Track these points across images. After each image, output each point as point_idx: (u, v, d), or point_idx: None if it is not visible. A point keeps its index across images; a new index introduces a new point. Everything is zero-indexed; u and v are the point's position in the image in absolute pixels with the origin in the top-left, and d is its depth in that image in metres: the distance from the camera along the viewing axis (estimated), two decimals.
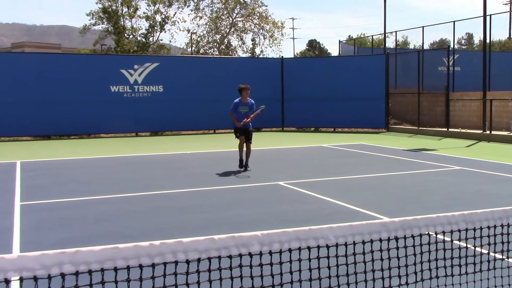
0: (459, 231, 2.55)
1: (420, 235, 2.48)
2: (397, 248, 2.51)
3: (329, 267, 2.37)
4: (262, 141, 17.49)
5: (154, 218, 6.64)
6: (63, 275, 1.77)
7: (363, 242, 2.33)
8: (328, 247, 2.27)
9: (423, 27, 26.13)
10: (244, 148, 10.53)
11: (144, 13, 33.09)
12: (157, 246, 1.91)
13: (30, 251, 1.80)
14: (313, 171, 10.64)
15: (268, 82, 21.80)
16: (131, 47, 31.83)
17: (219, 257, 2.03)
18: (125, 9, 32.42)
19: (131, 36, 33.08)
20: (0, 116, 17.63)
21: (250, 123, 10.58)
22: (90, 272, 1.81)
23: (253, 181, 9.33)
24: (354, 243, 2.31)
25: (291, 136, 19.66)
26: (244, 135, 10.46)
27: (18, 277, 1.72)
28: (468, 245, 2.84)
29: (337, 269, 2.40)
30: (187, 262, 1.98)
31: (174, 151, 14.56)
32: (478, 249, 2.86)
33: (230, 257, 2.05)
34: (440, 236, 2.75)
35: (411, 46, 40.58)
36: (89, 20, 32.78)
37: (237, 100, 10.62)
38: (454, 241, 2.76)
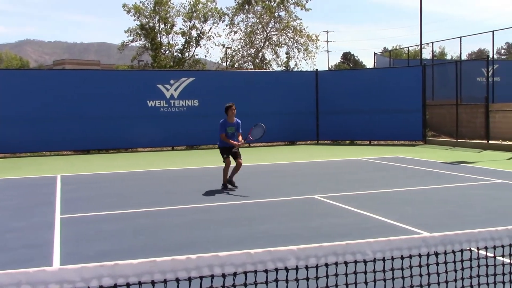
0: (503, 246, 2.47)
1: (462, 251, 2.41)
2: (437, 264, 2.45)
3: (366, 283, 2.33)
4: (297, 154, 17.44)
5: (190, 231, 6.69)
6: None
7: (402, 258, 2.29)
8: (365, 262, 2.24)
9: (460, 37, 25.70)
10: (233, 164, 10.04)
11: (180, 29, 33.76)
12: (194, 259, 1.92)
13: (70, 264, 1.84)
14: (349, 185, 10.52)
15: (302, 95, 21.77)
16: (168, 62, 32.44)
17: (255, 272, 2.02)
18: (162, 26, 33.12)
19: (167, 52, 33.72)
20: (42, 131, 18.14)
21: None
22: (128, 285, 1.83)
23: (288, 195, 9.28)
24: (393, 258, 2.27)
25: (326, 149, 19.52)
26: (232, 156, 10.03)
27: None
28: None
29: (374, 285, 2.35)
30: (223, 276, 1.98)
31: (210, 164, 14.66)
32: None
33: (266, 271, 2.04)
34: (482, 252, 2.67)
35: (449, 57, 39.91)
36: (127, 37, 33.69)
37: (222, 120, 10.09)
38: (497, 257, 2.67)
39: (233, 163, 10.06)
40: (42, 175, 12.74)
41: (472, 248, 2.43)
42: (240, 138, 10.05)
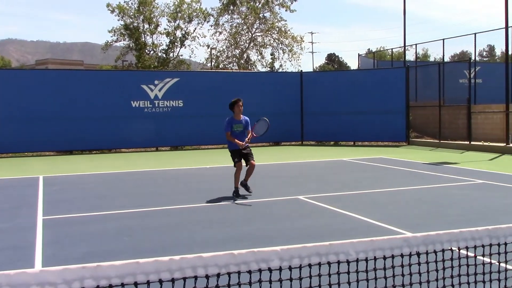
0: (483, 246, 2.51)
1: (443, 251, 2.44)
2: (419, 263, 2.47)
3: (349, 283, 2.35)
4: (281, 155, 17.47)
5: (175, 232, 6.66)
6: None
7: (384, 258, 2.31)
8: (348, 262, 2.25)
9: (443, 39, 25.97)
10: (243, 167, 9.15)
11: (164, 29, 33.59)
12: (177, 261, 1.92)
13: (52, 266, 1.82)
14: (334, 185, 10.57)
15: (287, 96, 21.83)
16: (152, 62, 32.26)
17: (239, 272, 2.03)
18: (146, 26, 32.93)
19: (151, 52, 33.53)
20: (24, 131, 17.94)
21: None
22: (110, 286, 1.82)
23: (273, 196, 9.30)
24: (375, 259, 2.29)
25: (311, 150, 19.59)
26: (243, 158, 9.11)
27: None
28: (493, 261, 2.78)
29: (357, 285, 2.37)
30: (207, 277, 1.98)
31: (195, 165, 14.63)
32: (502, 265, 2.80)
33: (249, 272, 2.05)
34: (463, 252, 2.70)
35: (432, 59, 40.32)
36: (111, 36, 33.41)
37: (229, 117, 9.16)
38: (478, 257, 2.71)
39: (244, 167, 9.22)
40: (24, 176, 12.59)
41: (453, 248, 2.46)
42: (249, 135, 9.05)
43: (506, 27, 17.42)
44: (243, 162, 9.11)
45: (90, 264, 1.80)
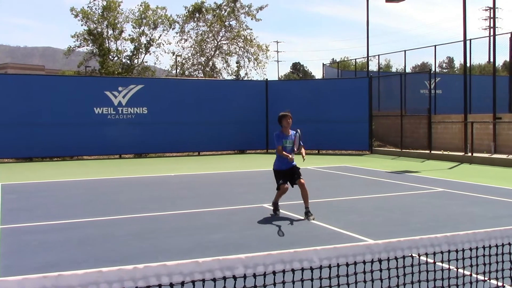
0: (442, 253, 2.58)
1: (404, 257, 2.50)
2: (381, 270, 2.53)
3: None
4: (246, 163, 17.50)
5: (138, 241, 6.57)
6: None
7: (347, 264, 2.35)
8: (312, 269, 2.28)
9: (405, 50, 26.61)
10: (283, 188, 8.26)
11: (129, 35, 33.26)
12: (141, 269, 1.90)
13: (11, 276, 1.78)
14: (298, 194, 10.62)
15: (252, 104, 21.91)
16: (116, 69, 31.86)
17: (203, 280, 2.02)
18: (110, 31, 32.53)
19: (116, 58, 33.12)
20: None
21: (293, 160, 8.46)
22: None
23: (238, 204, 9.30)
24: (338, 265, 2.33)
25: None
26: (289, 180, 8.30)
27: None
28: (451, 267, 2.86)
29: None
30: (171, 285, 1.97)
31: (159, 173, 14.49)
32: (460, 270, 2.88)
33: (214, 280, 2.05)
34: (423, 258, 2.78)
35: (394, 70, 41.15)
36: (74, 42, 32.84)
37: (277, 132, 8.48)
38: (437, 263, 2.78)
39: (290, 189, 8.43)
40: None
41: (413, 255, 2.53)
42: (302, 150, 8.50)
43: (465, 40, 18.00)
44: (289, 184, 8.28)
45: (51, 273, 1.77)
